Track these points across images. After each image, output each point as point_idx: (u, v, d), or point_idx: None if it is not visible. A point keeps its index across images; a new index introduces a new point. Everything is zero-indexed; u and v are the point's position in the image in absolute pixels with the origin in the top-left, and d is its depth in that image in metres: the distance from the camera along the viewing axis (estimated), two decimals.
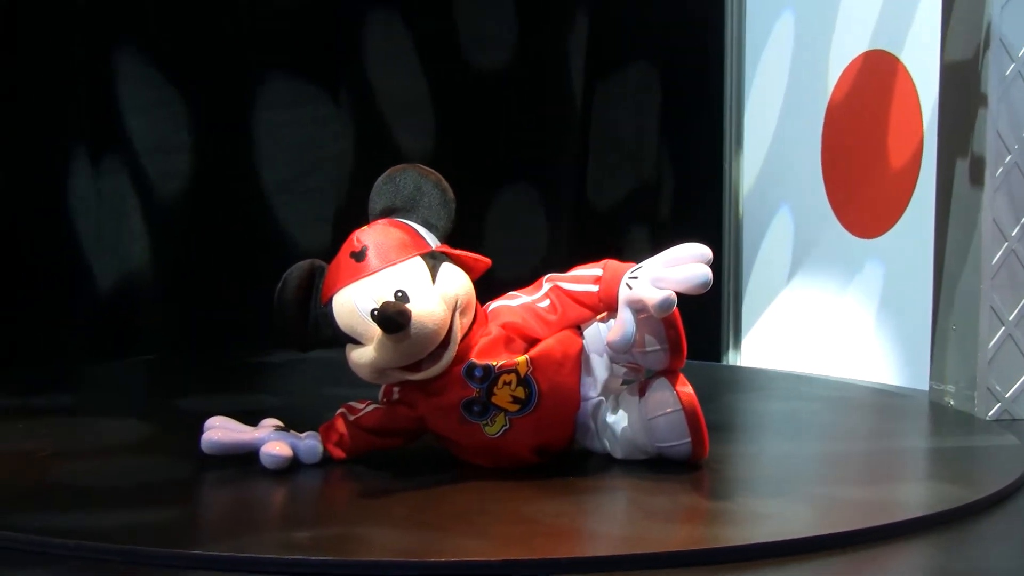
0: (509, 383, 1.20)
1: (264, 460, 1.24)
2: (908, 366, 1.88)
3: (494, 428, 1.22)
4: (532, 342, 1.23)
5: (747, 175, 2.36)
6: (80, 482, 1.20)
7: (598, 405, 1.27)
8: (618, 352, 1.22)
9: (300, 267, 1.25)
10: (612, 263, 1.25)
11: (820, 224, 2.12)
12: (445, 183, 1.27)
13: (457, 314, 1.18)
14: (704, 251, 1.20)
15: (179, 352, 2.16)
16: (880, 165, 1.97)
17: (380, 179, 1.28)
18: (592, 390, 1.26)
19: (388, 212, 1.26)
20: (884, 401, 1.76)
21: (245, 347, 2.11)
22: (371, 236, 1.22)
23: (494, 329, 1.23)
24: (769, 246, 2.30)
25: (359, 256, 1.20)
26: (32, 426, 1.48)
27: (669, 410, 1.24)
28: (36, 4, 2.01)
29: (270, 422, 1.31)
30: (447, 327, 1.17)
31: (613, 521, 1.07)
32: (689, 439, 1.24)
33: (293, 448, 1.25)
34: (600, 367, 1.27)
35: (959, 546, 1.04)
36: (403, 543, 1.00)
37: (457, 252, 1.23)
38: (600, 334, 1.26)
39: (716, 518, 1.10)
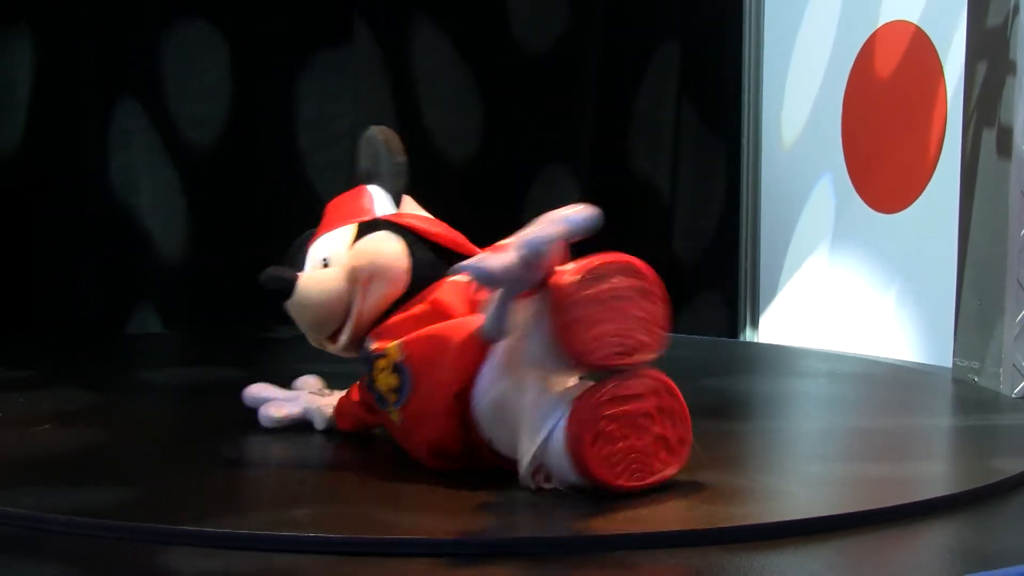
0: (385, 369, 1.09)
1: (261, 419, 1.24)
2: (931, 343, 1.85)
3: (395, 417, 1.11)
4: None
5: (765, 150, 2.33)
6: (78, 456, 1.17)
7: (504, 400, 1.03)
8: (489, 340, 1.02)
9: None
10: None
11: (840, 199, 2.09)
12: (395, 142, 1.22)
13: (359, 286, 1.13)
14: (578, 216, 0.98)
15: (201, 325, 2.15)
16: (902, 138, 1.94)
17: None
18: (490, 383, 1.04)
19: (363, 178, 1.23)
20: (907, 378, 1.73)
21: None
22: (332, 204, 1.21)
23: (419, 306, 1.12)
24: (788, 222, 2.27)
25: (318, 225, 1.20)
26: (37, 397, 1.46)
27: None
28: None
29: (308, 382, 1.31)
30: (343, 298, 1.13)
31: (631, 498, 1.04)
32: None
33: (307, 411, 1.24)
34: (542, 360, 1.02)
35: (985, 525, 1.02)
36: (411, 522, 0.97)
37: (407, 222, 1.17)
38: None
39: (735, 496, 1.07)
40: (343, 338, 1.14)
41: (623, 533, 0.93)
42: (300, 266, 1.18)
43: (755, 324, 2.34)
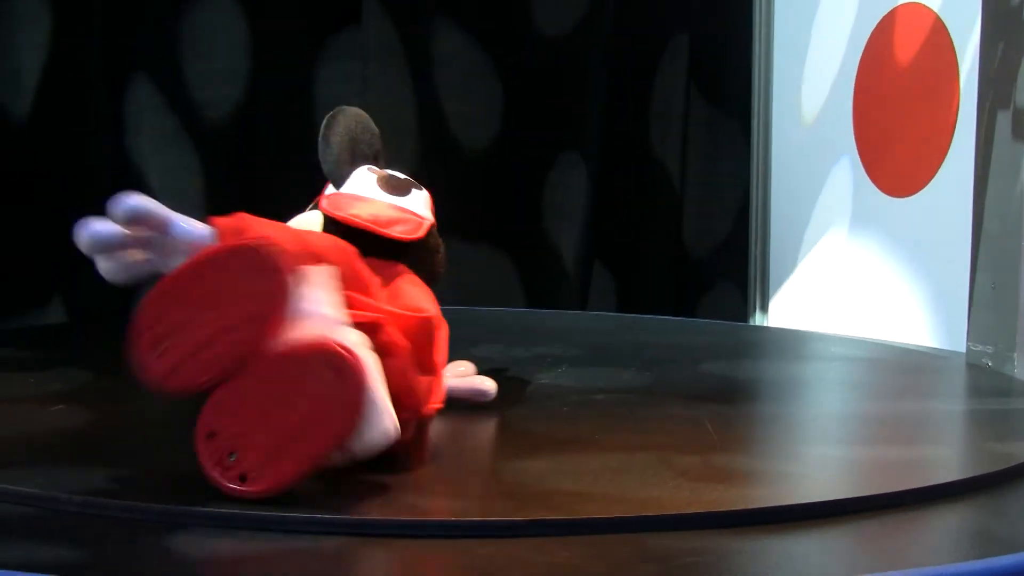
0: None
1: None
2: (945, 327, 1.83)
3: None
4: None
5: (776, 134, 2.32)
6: (90, 437, 1.17)
7: None
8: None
9: None
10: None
11: (851, 182, 2.08)
12: (325, 127, 1.21)
13: None
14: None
15: None
16: (915, 121, 1.93)
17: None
18: None
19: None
20: (920, 362, 1.72)
21: None
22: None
23: None
24: (798, 206, 2.26)
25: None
26: (48, 378, 1.45)
27: None
28: None
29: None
30: None
31: (643, 482, 1.04)
32: None
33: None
34: None
35: (999, 510, 1.01)
36: (427, 504, 0.97)
37: (324, 207, 1.15)
38: None
39: (746, 479, 1.06)
40: None
41: (632, 516, 0.92)
42: None
43: (765, 309, 2.33)
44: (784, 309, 2.29)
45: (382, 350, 0.97)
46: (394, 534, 0.89)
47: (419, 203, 1.18)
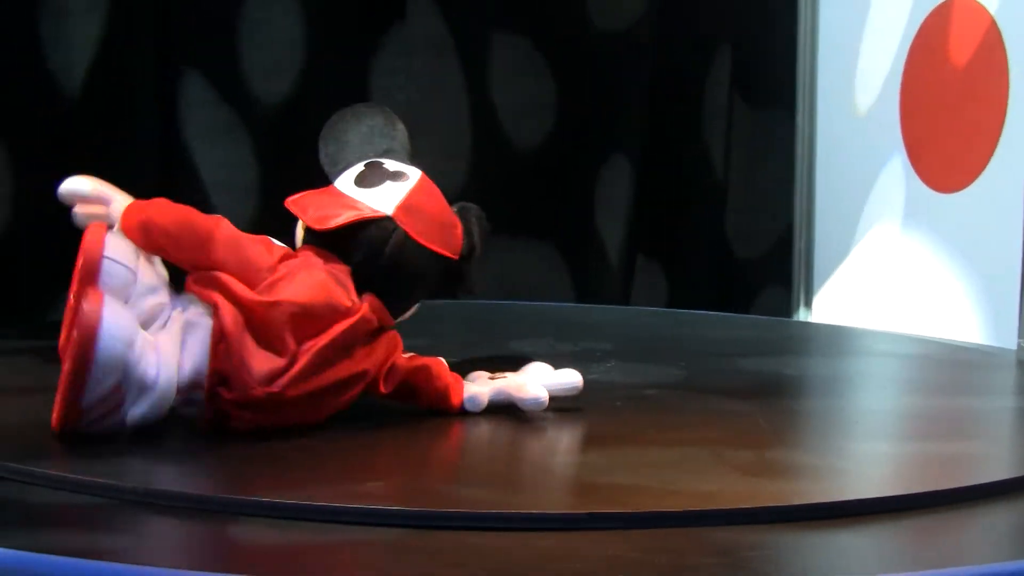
0: None
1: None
2: (994, 324, 1.82)
3: None
4: None
5: (821, 128, 2.31)
6: (139, 429, 1.17)
7: None
8: None
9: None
10: None
11: (898, 178, 2.07)
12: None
13: None
14: None
15: None
16: (961, 117, 1.92)
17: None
18: None
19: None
20: (969, 359, 1.71)
21: None
22: None
23: None
24: (844, 201, 2.25)
25: None
26: None
27: None
28: None
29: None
30: None
31: (699, 476, 1.04)
32: None
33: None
34: None
35: None
36: (479, 496, 0.97)
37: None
38: None
39: (801, 474, 1.07)
40: None
41: (692, 510, 0.92)
42: None
43: (809, 305, 2.33)
44: (828, 305, 2.28)
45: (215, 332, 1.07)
46: (452, 526, 0.89)
47: (383, 196, 1.17)
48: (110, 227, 1.10)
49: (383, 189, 1.17)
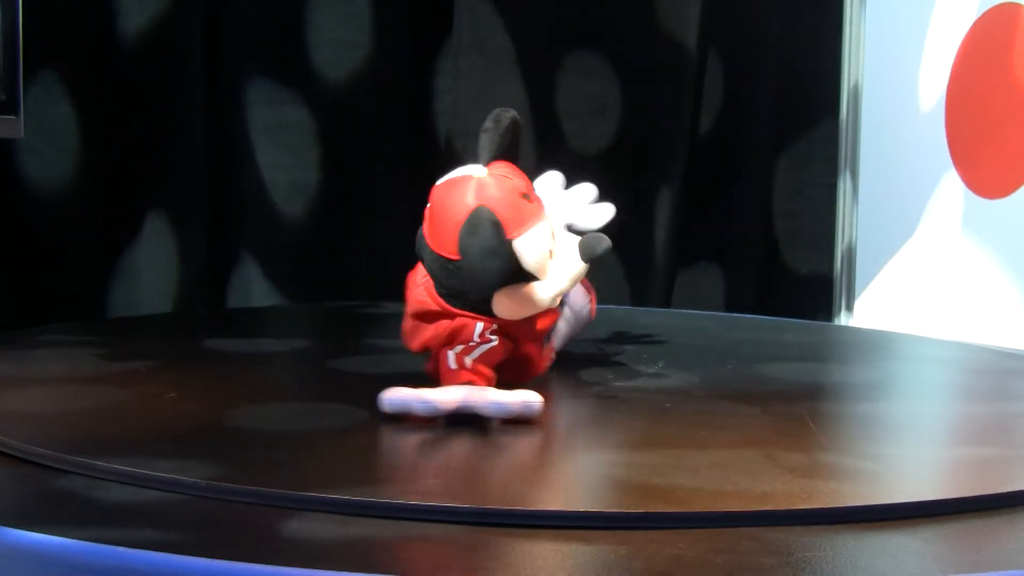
0: None
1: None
2: None
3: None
4: None
5: (865, 132, 2.31)
6: (206, 425, 1.20)
7: None
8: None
9: (488, 213, 1.19)
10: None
11: (942, 183, 2.06)
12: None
13: None
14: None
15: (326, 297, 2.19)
16: (1007, 122, 1.91)
17: (495, 122, 1.24)
18: None
19: (500, 155, 1.23)
20: (1012, 365, 1.70)
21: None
22: (519, 178, 1.22)
23: None
24: (887, 206, 2.25)
25: (528, 197, 1.21)
26: (158, 368, 1.49)
27: None
28: None
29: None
30: None
31: (753, 477, 1.05)
32: None
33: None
34: None
35: None
36: (540, 495, 0.99)
37: None
38: None
39: (854, 476, 1.07)
40: None
41: (750, 511, 0.93)
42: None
43: (850, 308, 2.33)
44: (870, 310, 2.28)
45: None
46: (511, 523, 0.90)
47: None
48: None
49: None
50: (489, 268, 1.18)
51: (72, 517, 0.93)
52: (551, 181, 1.45)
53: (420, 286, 1.24)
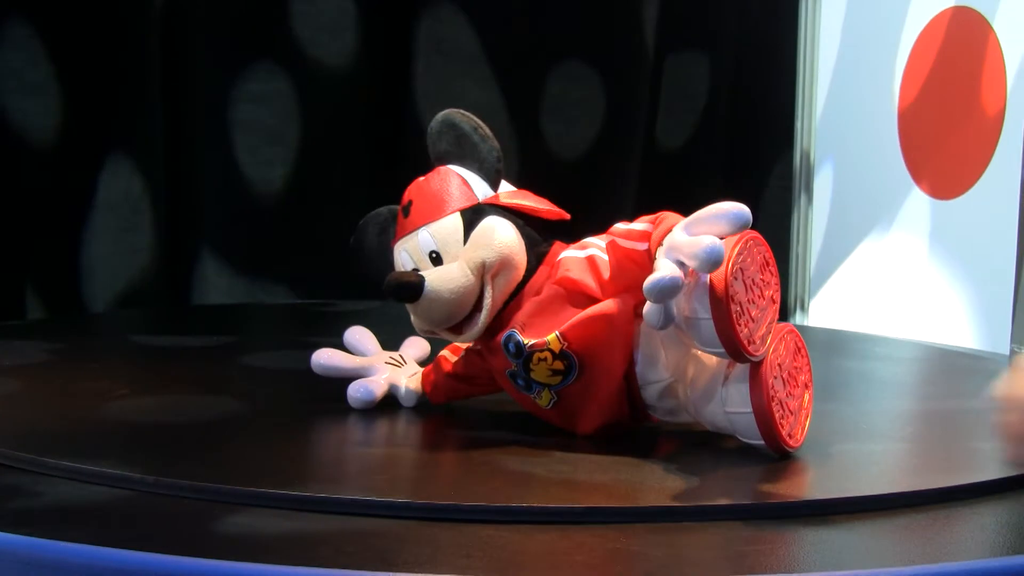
0: (544, 359, 1.13)
1: (349, 398, 1.25)
2: (988, 329, 1.84)
3: (544, 401, 1.17)
4: (590, 300, 1.14)
5: (819, 135, 2.33)
6: (154, 421, 1.20)
7: (669, 386, 1.15)
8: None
9: (377, 215, 1.24)
10: (666, 216, 1.10)
11: (895, 184, 2.09)
12: (485, 129, 1.21)
13: (488, 278, 1.14)
14: (736, 213, 1.03)
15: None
16: (959, 124, 1.94)
17: (430, 125, 1.23)
18: (654, 372, 1.14)
19: (442, 159, 1.21)
20: (962, 363, 1.73)
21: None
22: (417, 190, 1.19)
23: (547, 288, 1.15)
24: (840, 207, 2.27)
25: (406, 211, 1.18)
26: (108, 366, 1.49)
27: (743, 410, 1.09)
28: None
29: (408, 346, 1.33)
30: (474, 291, 1.13)
31: (691, 471, 1.06)
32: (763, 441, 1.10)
33: (394, 388, 1.27)
34: (672, 345, 1.14)
35: None
36: (484, 489, 1.00)
37: (511, 203, 1.18)
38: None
39: (797, 472, 1.08)
40: (474, 330, 1.15)
41: (690, 506, 0.95)
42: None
43: (804, 308, 2.35)
44: (824, 309, 2.30)
45: None
46: (455, 518, 0.92)
47: None
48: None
49: None
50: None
51: (18, 513, 0.93)
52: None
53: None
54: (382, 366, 1.29)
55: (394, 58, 2.22)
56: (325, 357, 1.30)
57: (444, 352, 1.27)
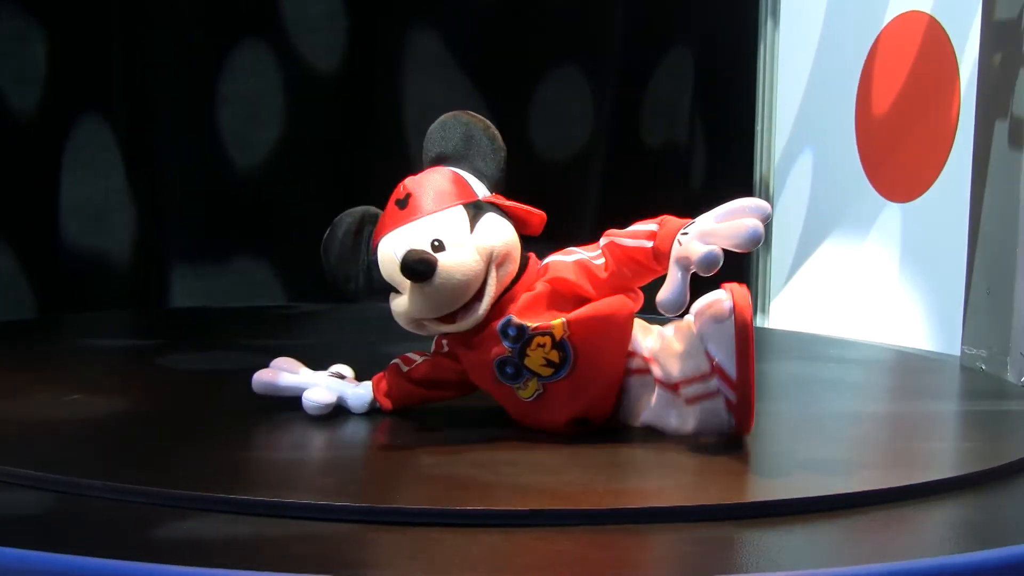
0: (543, 345, 1.16)
1: (305, 405, 1.25)
2: (940, 331, 1.86)
3: (527, 392, 1.18)
4: (582, 300, 1.17)
5: (779, 138, 2.34)
6: (101, 425, 1.21)
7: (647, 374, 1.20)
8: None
9: (352, 213, 1.24)
10: (670, 218, 1.16)
11: (853, 187, 2.10)
12: (495, 131, 1.23)
13: (493, 267, 1.15)
14: (760, 205, 1.11)
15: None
16: (915, 129, 1.95)
17: (432, 126, 1.25)
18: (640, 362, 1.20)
19: (440, 160, 1.23)
20: (915, 364, 1.74)
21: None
22: (416, 183, 1.20)
23: (540, 285, 1.18)
24: (799, 210, 2.28)
25: (402, 203, 1.18)
26: (60, 368, 1.48)
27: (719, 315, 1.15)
28: None
29: (336, 369, 1.31)
30: (480, 278, 1.15)
31: (645, 475, 1.07)
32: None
33: (341, 397, 1.26)
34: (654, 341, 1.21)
35: (989, 506, 1.04)
36: (428, 492, 1.00)
37: (507, 204, 1.20)
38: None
39: (744, 474, 1.09)
40: (471, 318, 1.16)
41: (633, 508, 0.95)
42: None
43: (765, 310, 2.36)
44: (784, 311, 2.31)
45: None
46: (400, 521, 0.92)
47: None
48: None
49: None
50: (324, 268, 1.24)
51: None
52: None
53: None
54: (323, 378, 1.28)
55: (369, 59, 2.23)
56: (267, 377, 1.28)
57: (396, 361, 1.28)
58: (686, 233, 1.11)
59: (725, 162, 2.42)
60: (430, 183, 1.19)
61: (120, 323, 2.00)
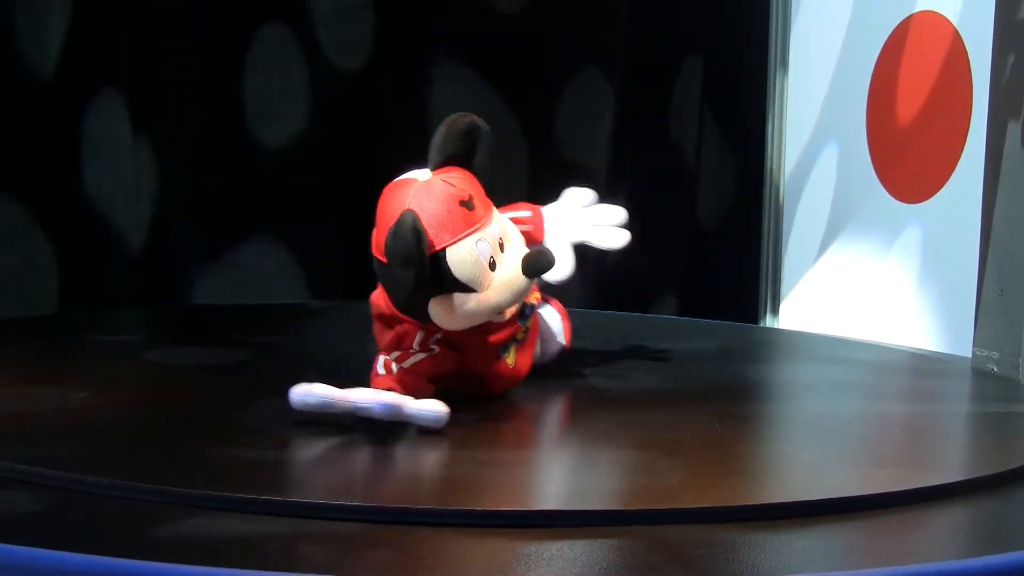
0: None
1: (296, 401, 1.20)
2: (951, 332, 1.86)
3: (511, 359, 1.29)
4: None
5: (790, 138, 2.34)
6: (109, 422, 1.20)
7: None
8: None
9: (412, 218, 1.15)
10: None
11: (864, 188, 2.10)
12: (489, 131, 1.24)
13: None
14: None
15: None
16: (927, 129, 1.95)
17: (446, 126, 1.23)
18: None
19: (451, 159, 1.22)
20: (925, 366, 1.74)
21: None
22: (467, 185, 1.20)
23: None
24: (811, 210, 2.28)
25: (469, 205, 1.18)
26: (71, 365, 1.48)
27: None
28: None
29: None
30: None
31: (654, 476, 1.06)
32: None
33: (410, 417, 1.17)
34: None
35: (1001, 510, 1.03)
36: (437, 492, 1.00)
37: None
38: None
39: (753, 476, 1.09)
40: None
41: (643, 508, 0.95)
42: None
43: (775, 311, 2.35)
44: (795, 312, 2.31)
45: None
46: (406, 521, 0.92)
47: None
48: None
49: None
50: (405, 275, 1.15)
51: None
52: (578, 197, 1.44)
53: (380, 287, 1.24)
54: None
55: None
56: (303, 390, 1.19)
57: (383, 360, 1.25)
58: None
59: (734, 163, 2.41)
60: (474, 184, 1.22)
61: (135, 319, 2.00)
